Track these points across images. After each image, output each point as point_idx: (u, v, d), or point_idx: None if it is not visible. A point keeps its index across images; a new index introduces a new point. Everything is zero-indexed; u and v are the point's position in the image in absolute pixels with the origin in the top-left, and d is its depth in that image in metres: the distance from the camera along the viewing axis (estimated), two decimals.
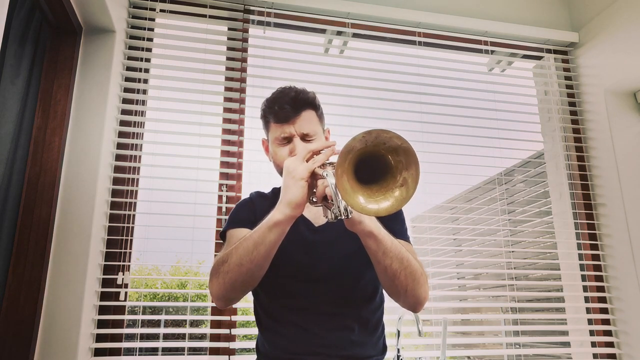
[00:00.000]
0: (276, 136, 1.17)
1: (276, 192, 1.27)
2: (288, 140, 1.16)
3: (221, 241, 1.83)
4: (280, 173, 1.15)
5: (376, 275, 1.16)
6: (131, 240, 1.79)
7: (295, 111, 1.15)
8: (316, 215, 1.18)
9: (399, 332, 1.71)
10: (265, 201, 1.22)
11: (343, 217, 0.88)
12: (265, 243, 0.95)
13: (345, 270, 1.12)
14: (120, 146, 1.86)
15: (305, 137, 1.15)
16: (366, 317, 1.13)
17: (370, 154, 0.82)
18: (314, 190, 0.97)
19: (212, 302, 1.07)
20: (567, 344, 2.16)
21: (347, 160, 0.80)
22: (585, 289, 2.15)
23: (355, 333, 1.10)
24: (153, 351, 2.89)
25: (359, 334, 1.11)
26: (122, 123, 1.88)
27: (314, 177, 0.95)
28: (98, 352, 1.68)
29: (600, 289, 2.13)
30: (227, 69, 2.05)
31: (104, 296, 1.72)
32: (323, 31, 2.25)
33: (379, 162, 0.84)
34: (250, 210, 1.20)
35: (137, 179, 1.86)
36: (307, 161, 0.96)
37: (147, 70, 1.96)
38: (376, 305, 1.17)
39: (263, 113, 1.23)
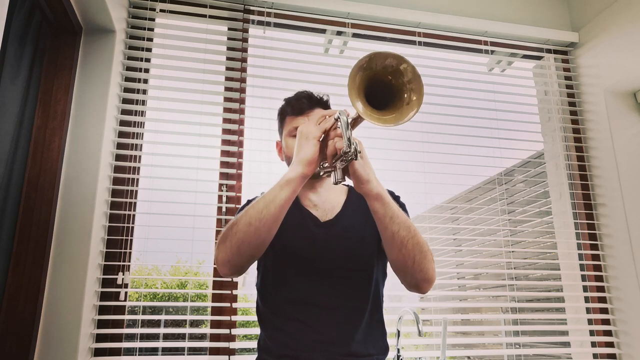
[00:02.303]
0: (290, 129, 1.22)
1: None
2: None
3: None
4: None
5: (378, 275, 1.18)
6: (131, 240, 1.79)
7: (310, 106, 1.22)
8: (323, 212, 1.20)
9: (399, 332, 1.71)
10: None
11: (352, 155, 0.90)
12: (276, 202, 0.98)
13: (348, 265, 1.14)
14: (120, 146, 1.86)
15: None
16: (368, 315, 1.14)
17: (378, 80, 0.88)
18: (324, 163, 1.00)
19: (217, 268, 1.08)
20: (567, 344, 2.16)
21: (357, 76, 0.87)
22: (585, 289, 2.15)
23: (357, 330, 1.11)
24: (153, 351, 2.88)
25: (361, 331, 1.12)
26: (122, 123, 1.88)
27: (324, 141, 1.00)
28: (98, 352, 1.68)
29: (600, 289, 2.13)
30: (227, 69, 2.05)
31: (104, 296, 1.72)
32: (323, 31, 2.25)
33: (385, 89, 0.90)
34: None
35: (137, 179, 1.86)
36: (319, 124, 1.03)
37: (147, 70, 1.96)
38: (378, 305, 1.18)
39: (281, 109, 1.29)
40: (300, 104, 1.22)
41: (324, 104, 1.26)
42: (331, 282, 1.13)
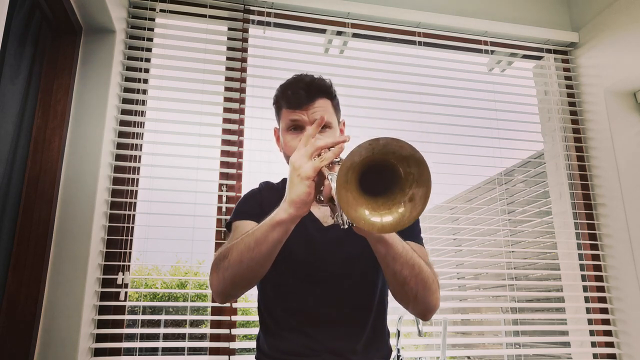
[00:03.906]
0: (287, 124, 1.12)
1: (286, 182, 1.24)
2: (300, 128, 1.11)
3: (222, 241, 1.84)
4: None
5: (383, 278, 1.13)
6: (131, 240, 1.79)
7: (309, 98, 1.10)
8: (325, 214, 1.15)
9: (399, 332, 1.71)
10: (274, 193, 1.18)
11: (346, 226, 0.82)
12: (268, 241, 0.91)
13: (351, 271, 1.09)
14: (120, 146, 1.86)
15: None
16: (372, 321, 1.10)
17: (378, 162, 0.74)
18: (322, 188, 0.91)
19: (212, 296, 1.06)
20: (567, 344, 2.16)
21: (350, 171, 0.73)
22: (585, 289, 2.15)
23: (359, 341, 1.08)
24: (153, 351, 2.88)
25: (363, 341, 1.08)
26: (122, 123, 1.88)
27: (321, 175, 0.89)
28: (98, 352, 1.68)
29: (600, 289, 2.13)
30: (227, 69, 2.05)
31: (104, 296, 1.72)
32: (323, 31, 2.25)
33: (387, 171, 0.76)
34: (257, 202, 1.17)
35: (137, 179, 1.86)
36: (315, 157, 0.90)
37: (147, 70, 1.96)
38: (382, 310, 1.14)
39: (275, 99, 1.17)
40: (297, 98, 1.09)
41: (326, 91, 1.13)
42: (332, 289, 1.08)
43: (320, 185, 0.90)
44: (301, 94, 1.09)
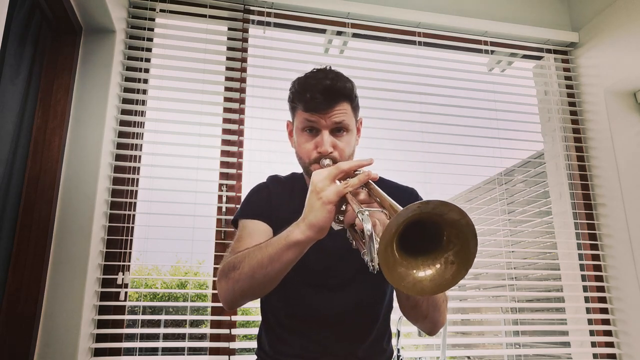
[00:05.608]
0: (303, 124, 1.07)
1: (295, 177, 1.21)
2: (316, 130, 1.06)
3: (222, 241, 1.84)
4: (302, 164, 1.11)
5: (392, 286, 1.13)
6: (131, 240, 1.79)
7: (328, 104, 1.03)
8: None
9: (399, 332, 1.71)
10: (282, 187, 1.16)
11: (371, 269, 0.74)
12: (282, 261, 0.88)
13: (360, 278, 1.07)
14: (120, 146, 1.86)
15: (335, 128, 1.06)
16: (378, 327, 1.10)
17: (422, 219, 0.70)
18: (342, 209, 0.85)
19: (219, 302, 1.04)
20: (567, 344, 2.16)
21: (393, 234, 0.69)
22: (585, 289, 2.15)
23: (364, 342, 1.08)
24: (153, 351, 2.88)
25: (368, 343, 1.08)
26: (122, 123, 1.88)
27: (343, 199, 0.84)
28: (98, 352, 1.68)
29: (600, 289, 2.13)
30: (227, 69, 2.05)
31: (104, 296, 1.72)
32: (323, 31, 2.25)
33: (430, 229, 0.71)
34: (265, 199, 1.15)
35: (137, 179, 1.86)
36: (338, 180, 0.85)
37: (147, 70, 1.96)
38: (388, 316, 1.15)
39: (291, 97, 1.10)
40: (315, 104, 1.02)
41: (346, 95, 1.05)
42: (341, 296, 1.07)
43: (340, 206, 0.85)
44: (320, 99, 1.03)
